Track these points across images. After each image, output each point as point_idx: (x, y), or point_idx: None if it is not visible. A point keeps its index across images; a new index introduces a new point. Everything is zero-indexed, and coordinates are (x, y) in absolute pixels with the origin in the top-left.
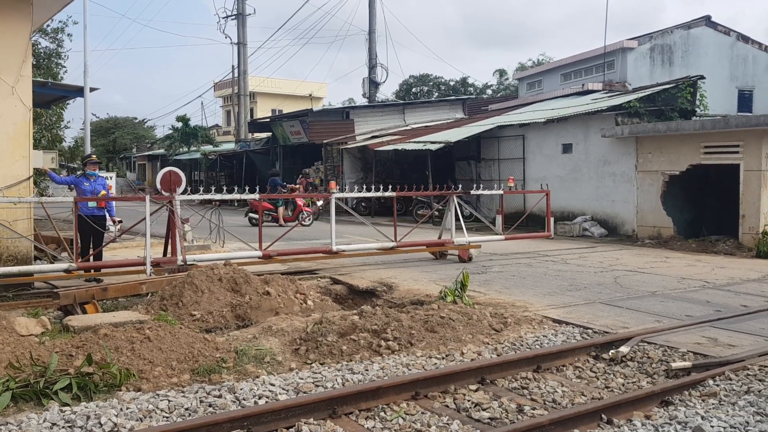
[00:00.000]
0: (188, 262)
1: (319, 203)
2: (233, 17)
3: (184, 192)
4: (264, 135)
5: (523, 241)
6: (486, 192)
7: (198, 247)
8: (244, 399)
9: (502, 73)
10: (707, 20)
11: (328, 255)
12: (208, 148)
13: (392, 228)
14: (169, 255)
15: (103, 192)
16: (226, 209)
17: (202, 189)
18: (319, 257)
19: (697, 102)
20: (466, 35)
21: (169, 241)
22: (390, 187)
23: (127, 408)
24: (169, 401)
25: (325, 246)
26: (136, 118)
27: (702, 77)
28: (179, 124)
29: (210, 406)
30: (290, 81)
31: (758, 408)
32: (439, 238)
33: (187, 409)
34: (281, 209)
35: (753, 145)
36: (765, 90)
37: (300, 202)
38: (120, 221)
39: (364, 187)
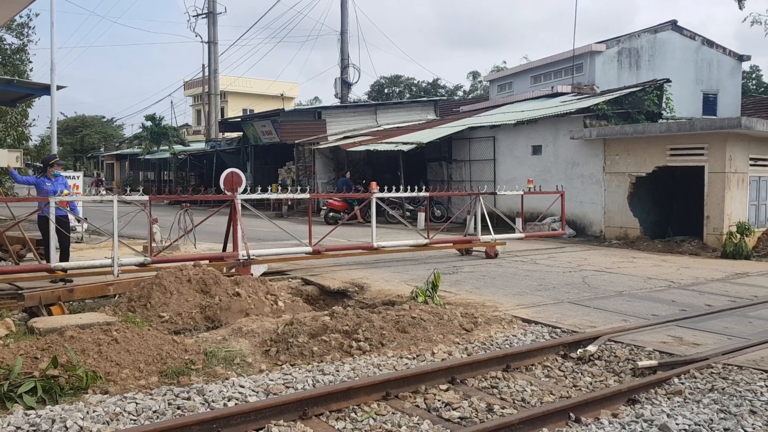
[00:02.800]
0: (251, 257)
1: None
2: (204, 16)
3: (244, 191)
4: (235, 135)
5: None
6: (508, 193)
7: (166, 248)
8: (213, 401)
9: (475, 74)
10: (673, 25)
11: (369, 251)
12: (179, 147)
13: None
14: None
15: (66, 192)
16: (196, 210)
17: (170, 189)
18: (359, 253)
19: (664, 105)
20: (441, 36)
21: (230, 236)
22: (418, 186)
23: (94, 411)
24: (137, 404)
25: (366, 243)
26: (104, 117)
27: (668, 81)
28: (149, 123)
29: (178, 408)
30: (262, 80)
31: (722, 406)
32: (465, 236)
33: (155, 411)
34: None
35: (717, 147)
36: (729, 93)
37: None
38: (85, 219)
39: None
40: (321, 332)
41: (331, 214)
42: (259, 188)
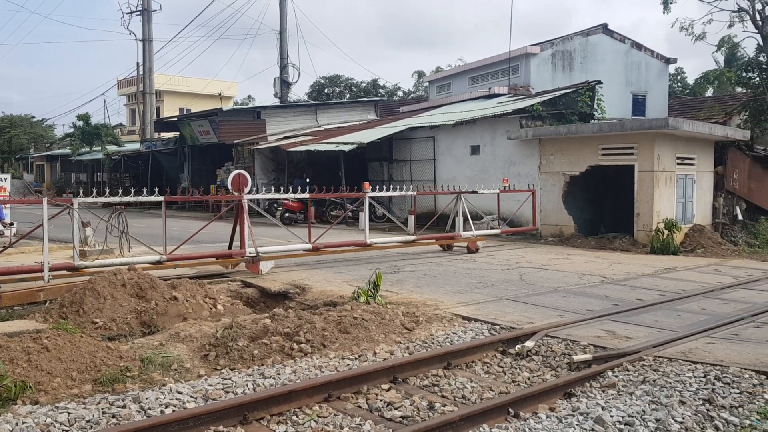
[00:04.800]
0: (259, 254)
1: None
2: (138, 13)
3: (249, 192)
4: (171, 135)
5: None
6: (486, 191)
7: (100, 251)
8: (149, 408)
9: (420, 74)
10: (604, 28)
11: (363, 247)
12: (112, 148)
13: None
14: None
15: None
16: (130, 212)
17: (100, 191)
18: (355, 249)
19: (596, 106)
20: (384, 37)
21: (236, 235)
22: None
23: (23, 422)
24: (69, 414)
25: (359, 240)
26: (33, 117)
27: (599, 82)
28: (80, 123)
29: (113, 417)
30: (199, 79)
31: (653, 397)
32: (447, 231)
33: (88, 421)
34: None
35: (646, 147)
36: (657, 95)
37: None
38: (11, 224)
39: (282, 188)
40: (261, 335)
41: (287, 214)
42: (201, 190)
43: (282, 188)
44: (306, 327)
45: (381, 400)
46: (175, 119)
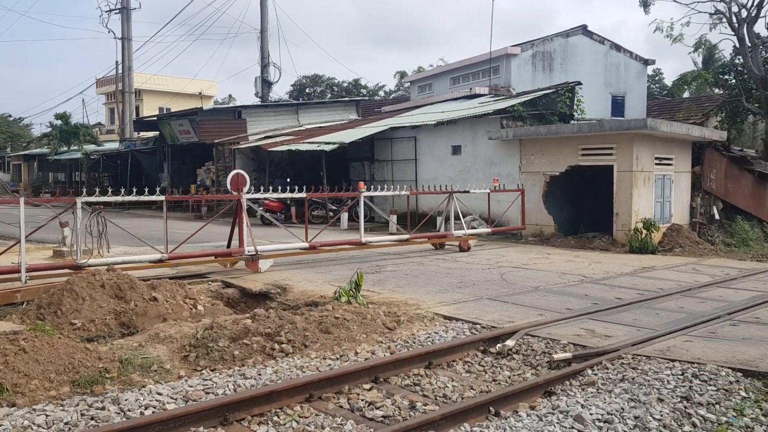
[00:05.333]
0: (258, 252)
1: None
2: (117, 11)
3: (249, 191)
4: (151, 134)
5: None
6: (477, 191)
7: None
8: (129, 410)
9: (403, 74)
10: (584, 29)
11: (358, 246)
12: (91, 147)
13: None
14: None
15: None
16: (110, 212)
17: (77, 191)
18: (350, 248)
19: (575, 106)
20: (366, 36)
21: (235, 233)
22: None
23: (0, 425)
24: (47, 416)
25: (355, 239)
26: (10, 116)
27: (579, 83)
28: (58, 122)
29: (92, 419)
30: (179, 78)
31: (632, 395)
32: (438, 230)
33: (66, 423)
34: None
35: (625, 147)
36: (635, 96)
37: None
38: None
39: (262, 188)
40: (242, 335)
41: (267, 214)
42: (180, 189)
43: (262, 188)
44: (287, 327)
45: (362, 400)
46: (155, 118)
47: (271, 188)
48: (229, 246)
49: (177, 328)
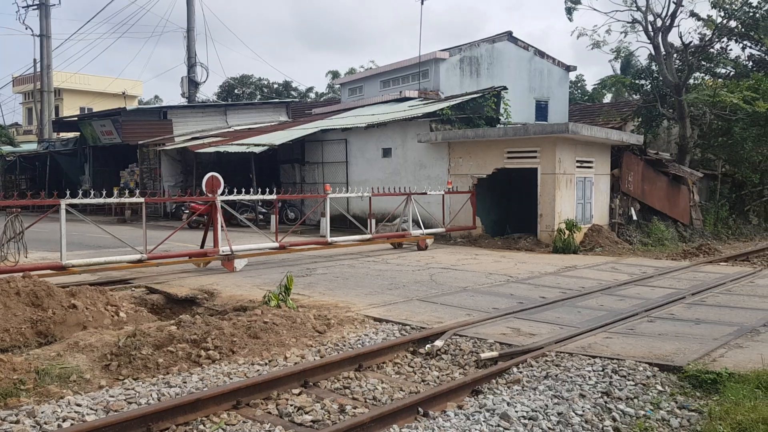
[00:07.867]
0: (234, 252)
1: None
2: (35, 7)
3: (223, 193)
4: (71, 135)
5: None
6: (433, 193)
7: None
8: (45, 423)
9: (335, 74)
10: (509, 35)
11: (324, 245)
12: (7, 148)
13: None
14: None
15: None
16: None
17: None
18: (311, 249)
19: (501, 110)
20: (297, 38)
21: (209, 235)
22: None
23: None
24: None
25: (322, 239)
26: None
27: (505, 88)
28: None
29: None
30: (102, 78)
31: (555, 392)
32: (397, 230)
33: None
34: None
35: (548, 150)
36: (558, 101)
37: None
38: None
39: (189, 191)
40: (167, 343)
41: (194, 217)
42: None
43: (189, 191)
44: (214, 333)
45: (291, 405)
46: (76, 119)
47: (198, 191)
48: (203, 246)
49: (98, 337)
